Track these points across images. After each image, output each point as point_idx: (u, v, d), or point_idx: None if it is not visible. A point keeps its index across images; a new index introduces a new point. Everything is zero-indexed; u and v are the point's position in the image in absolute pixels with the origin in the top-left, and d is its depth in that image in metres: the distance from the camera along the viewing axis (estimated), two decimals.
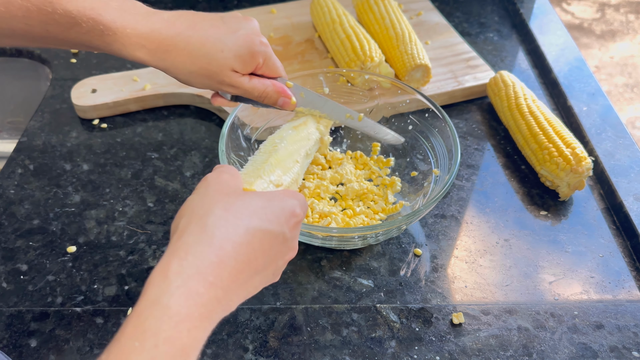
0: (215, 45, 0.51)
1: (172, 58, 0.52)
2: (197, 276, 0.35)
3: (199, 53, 0.51)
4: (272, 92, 0.56)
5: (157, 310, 0.33)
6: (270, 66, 0.55)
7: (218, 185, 0.41)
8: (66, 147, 0.73)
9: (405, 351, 0.53)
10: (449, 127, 0.62)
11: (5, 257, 0.60)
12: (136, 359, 0.31)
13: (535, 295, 0.58)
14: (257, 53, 0.53)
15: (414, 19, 0.92)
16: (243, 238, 0.38)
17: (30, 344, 0.53)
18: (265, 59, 0.54)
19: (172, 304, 0.33)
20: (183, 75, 0.53)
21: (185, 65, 0.52)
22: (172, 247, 0.36)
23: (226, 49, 0.52)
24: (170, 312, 0.33)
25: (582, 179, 0.65)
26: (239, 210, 0.39)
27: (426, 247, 0.62)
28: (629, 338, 0.55)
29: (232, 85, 0.54)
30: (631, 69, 2.22)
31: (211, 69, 0.52)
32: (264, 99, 0.56)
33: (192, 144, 0.74)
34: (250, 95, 0.55)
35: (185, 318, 0.33)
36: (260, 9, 0.94)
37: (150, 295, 0.34)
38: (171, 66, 0.52)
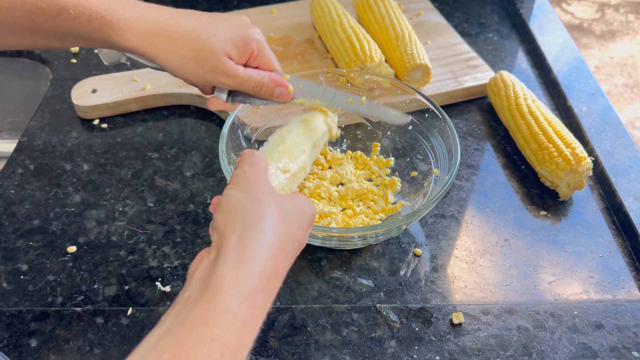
0: (208, 29, 0.50)
1: (164, 42, 0.49)
2: (260, 287, 0.36)
3: (191, 36, 0.49)
4: (269, 82, 0.53)
5: (228, 319, 0.33)
6: (264, 57, 0.53)
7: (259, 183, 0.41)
8: (66, 147, 0.73)
9: (405, 351, 0.53)
10: (448, 127, 0.62)
11: (5, 257, 0.60)
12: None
13: (535, 295, 0.58)
14: (251, 39, 0.51)
15: (413, 19, 0.92)
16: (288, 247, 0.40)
17: (31, 344, 0.53)
18: (260, 48, 0.53)
19: (240, 315, 0.34)
20: (175, 62, 0.51)
21: (177, 50, 0.50)
22: (236, 252, 0.36)
23: (219, 33, 0.50)
24: (237, 323, 0.33)
25: (581, 179, 0.65)
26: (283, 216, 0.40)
27: (426, 247, 0.63)
28: (628, 338, 0.55)
29: (226, 73, 0.51)
30: (631, 69, 2.22)
31: (204, 53, 0.50)
32: (260, 89, 0.53)
33: (192, 144, 0.74)
34: (246, 85, 0.53)
35: (248, 329, 0.34)
36: (260, 9, 0.94)
37: (220, 302, 0.34)
38: (163, 51, 0.50)
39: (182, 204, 0.66)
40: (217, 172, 0.70)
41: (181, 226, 0.64)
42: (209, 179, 0.69)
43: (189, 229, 0.63)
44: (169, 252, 0.61)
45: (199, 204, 0.66)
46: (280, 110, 0.69)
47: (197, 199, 0.67)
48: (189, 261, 0.60)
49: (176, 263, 0.60)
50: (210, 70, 0.51)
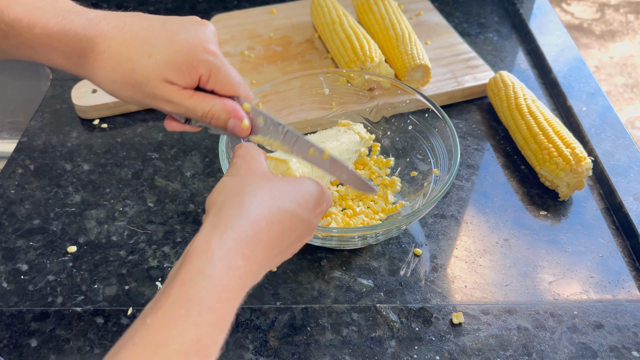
0: (141, 49, 0.42)
1: (91, 64, 0.43)
2: (236, 249, 0.36)
3: (120, 58, 0.42)
4: (220, 112, 0.44)
5: (202, 280, 0.34)
6: (221, 80, 0.44)
7: (249, 167, 0.42)
8: (66, 147, 0.73)
9: (405, 351, 0.53)
10: (448, 127, 0.62)
11: (5, 257, 0.60)
12: (182, 325, 0.32)
13: (535, 295, 0.58)
14: (197, 61, 0.43)
15: (413, 19, 0.92)
16: (275, 217, 0.39)
17: (31, 344, 0.53)
18: (213, 70, 0.43)
19: (215, 274, 0.35)
20: (106, 85, 0.44)
21: (106, 73, 0.43)
22: (212, 221, 0.38)
23: (155, 53, 0.42)
24: (213, 282, 0.34)
25: (581, 179, 0.65)
26: (272, 192, 0.40)
27: (426, 247, 0.63)
28: (628, 338, 0.55)
29: (166, 100, 0.43)
30: (631, 69, 2.22)
31: (136, 78, 0.42)
32: (210, 119, 0.45)
33: (192, 144, 0.74)
34: (193, 114, 0.45)
35: (226, 289, 0.35)
36: (260, 9, 0.94)
37: (194, 265, 0.35)
38: (91, 73, 0.44)
39: (182, 204, 0.66)
40: (217, 172, 0.70)
41: (181, 226, 0.64)
42: (209, 179, 0.69)
43: (189, 229, 0.63)
44: (169, 252, 0.61)
45: (199, 204, 0.66)
46: (281, 110, 0.69)
47: (197, 199, 0.67)
48: None
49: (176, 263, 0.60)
50: (146, 96, 0.44)
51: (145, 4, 0.99)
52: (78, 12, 0.43)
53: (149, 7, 0.98)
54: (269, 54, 0.85)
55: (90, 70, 0.44)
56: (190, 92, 0.44)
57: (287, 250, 0.43)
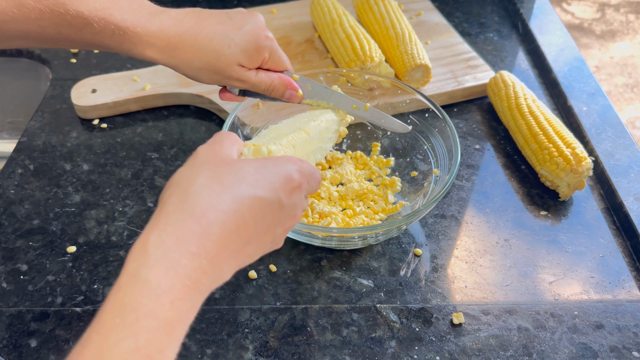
0: (222, 42, 0.52)
1: (181, 55, 0.53)
2: (178, 247, 0.34)
3: (206, 50, 0.52)
4: (279, 85, 0.56)
5: (137, 285, 0.32)
6: (276, 60, 0.56)
7: (207, 155, 0.40)
8: (66, 147, 0.73)
9: (405, 351, 0.53)
10: (449, 127, 0.62)
11: (5, 257, 0.60)
12: (118, 335, 0.30)
13: (535, 295, 0.58)
14: (262, 47, 0.54)
15: (414, 19, 0.92)
16: (230, 206, 0.36)
17: (31, 344, 0.53)
18: (271, 53, 0.55)
19: (152, 277, 0.32)
20: (192, 71, 0.54)
21: (193, 62, 0.53)
22: (153, 220, 0.35)
23: (233, 45, 0.52)
24: (150, 286, 0.32)
25: (582, 179, 0.65)
26: (226, 178, 0.37)
27: (426, 247, 0.62)
28: (629, 338, 0.55)
29: (239, 79, 0.55)
30: (631, 69, 2.22)
31: (219, 65, 0.53)
32: (271, 92, 0.57)
33: (192, 144, 0.74)
34: (258, 88, 0.56)
35: (166, 290, 0.32)
36: (260, 9, 0.94)
37: (129, 269, 0.33)
38: (180, 63, 0.53)
39: None
40: None
41: None
42: None
43: None
44: None
45: None
46: (281, 110, 0.69)
47: None
48: None
49: None
50: (224, 77, 0.55)
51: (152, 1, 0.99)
52: (163, 11, 0.53)
53: None
54: None
55: (180, 61, 0.53)
56: (255, 72, 0.55)
57: (262, 238, 0.39)
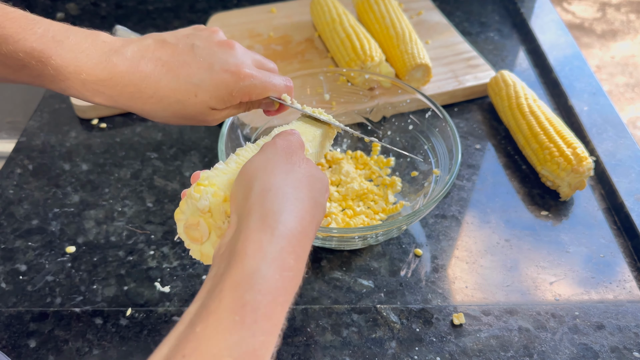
0: (188, 91, 0.45)
1: (140, 106, 0.46)
2: (288, 247, 0.34)
3: (169, 101, 0.46)
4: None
5: (257, 283, 0.32)
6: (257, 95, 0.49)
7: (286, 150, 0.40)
8: (65, 147, 0.73)
9: (405, 352, 0.53)
10: (449, 127, 0.61)
11: (4, 258, 0.60)
12: (238, 334, 0.30)
13: (536, 296, 0.58)
14: (236, 91, 0.47)
15: (414, 18, 0.92)
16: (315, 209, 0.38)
17: (30, 345, 0.53)
18: (250, 93, 0.48)
19: (270, 276, 0.32)
20: (157, 119, 0.48)
21: (156, 112, 0.46)
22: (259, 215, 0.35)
23: (200, 92, 0.46)
24: (268, 285, 0.32)
25: (583, 179, 0.64)
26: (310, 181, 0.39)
27: (427, 247, 0.62)
28: (630, 338, 0.54)
29: (214, 119, 0.49)
30: (632, 68, 2.22)
31: (187, 114, 0.47)
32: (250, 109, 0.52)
33: (192, 144, 0.74)
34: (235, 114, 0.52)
35: (280, 292, 0.32)
36: (260, 9, 0.94)
37: (247, 266, 0.32)
38: (140, 111, 0.47)
39: None
40: None
41: None
42: None
43: None
44: (168, 253, 0.61)
45: None
46: (282, 111, 0.68)
47: None
48: (188, 261, 0.60)
49: (175, 263, 0.60)
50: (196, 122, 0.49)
51: (145, 3, 0.99)
52: (116, 51, 0.44)
53: (148, 7, 0.98)
54: (268, 53, 0.85)
55: (139, 109, 0.46)
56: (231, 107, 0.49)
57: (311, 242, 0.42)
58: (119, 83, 0.44)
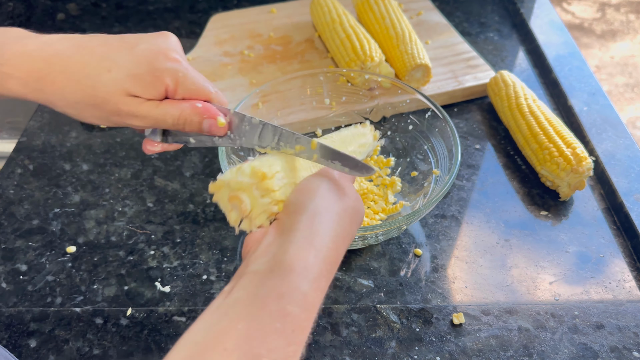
0: (100, 64, 0.40)
1: (49, 86, 0.40)
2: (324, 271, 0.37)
3: (79, 76, 0.40)
4: (192, 115, 0.42)
5: (299, 298, 0.34)
6: (189, 87, 0.42)
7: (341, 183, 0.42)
8: (66, 147, 0.73)
9: (405, 351, 0.53)
10: (449, 127, 0.62)
11: (4, 257, 0.60)
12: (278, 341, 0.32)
13: (535, 296, 0.58)
14: (160, 71, 0.41)
15: (414, 19, 0.92)
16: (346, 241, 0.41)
17: (30, 344, 0.53)
18: (179, 78, 0.41)
19: (310, 294, 0.35)
20: (69, 107, 0.42)
21: (65, 94, 0.41)
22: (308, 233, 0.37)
23: (115, 68, 0.40)
24: (307, 302, 0.35)
25: (582, 179, 0.65)
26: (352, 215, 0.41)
27: (426, 247, 0.62)
28: (629, 338, 0.54)
29: (132, 114, 0.41)
30: (631, 68, 2.22)
31: (98, 95, 0.40)
32: (183, 125, 0.43)
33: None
34: (164, 123, 0.43)
35: (314, 309, 0.35)
36: (260, 9, 0.94)
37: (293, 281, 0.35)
38: (51, 96, 0.41)
39: (181, 204, 0.66)
40: (216, 172, 0.70)
41: (181, 226, 0.63)
42: (208, 179, 0.69)
43: (189, 229, 0.63)
44: (168, 253, 0.61)
45: (199, 204, 0.66)
46: (282, 108, 0.69)
47: (197, 199, 0.67)
48: (188, 261, 0.60)
49: (175, 263, 0.60)
50: (112, 113, 0.42)
51: (145, 4, 0.99)
52: (30, 36, 0.42)
53: (148, 7, 0.98)
54: (268, 54, 0.85)
55: (50, 94, 0.41)
56: (156, 103, 0.42)
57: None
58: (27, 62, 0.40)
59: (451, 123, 0.62)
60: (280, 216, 0.40)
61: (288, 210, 0.40)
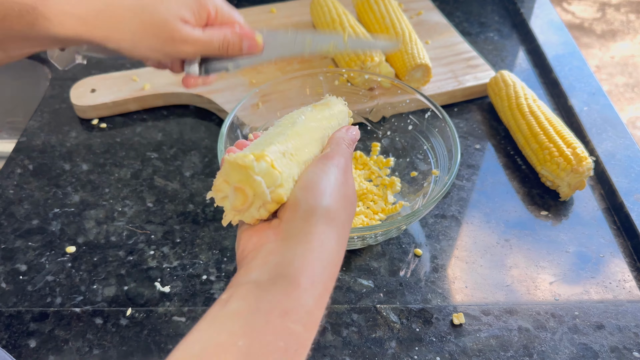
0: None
1: (108, 22, 0.44)
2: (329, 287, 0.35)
3: (136, 8, 0.45)
4: (233, 37, 0.49)
5: (304, 316, 0.33)
6: (224, 15, 0.49)
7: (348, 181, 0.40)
8: (65, 147, 0.73)
9: (405, 352, 0.53)
10: (449, 127, 0.61)
11: (4, 257, 0.60)
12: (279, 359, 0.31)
13: (535, 296, 0.58)
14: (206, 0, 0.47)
15: (414, 19, 0.92)
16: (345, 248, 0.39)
17: (30, 344, 0.53)
18: (217, 7, 0.48)
19: (313, 313, 0.33)
20: (127, 40, 0.46)
21: (125, 26, 0.45)
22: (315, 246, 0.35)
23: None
24: (312, 320, 0.33)
25: (582, 179, 0.65)
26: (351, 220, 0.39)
27: (426, 247, 0.62)
28: (629, 338, 0.54)
29: (185, 40, 0.47)
30: (632, 68, 2.22)
31: (155, 23, 0.45)
32: (226, 48, 0.49)
33: (192, 144, 0.74)
34: (210, 47, 0.49)
35: (316, 327, 0.34)
36: (260, 9, 0.94)
37: (299, 299, 0.33)
38: (110, 32, 0.45)
39: (181, 204, 0.66)
40: (216, 172, 0.70)
41: (180, 226, 0.63)
42: (208, 179, 0.69)
43: (189, 229, 0.63)
44: (168, 253, 0.61)
45: (199, 204, 0.66)
46: (282, 108, 0.69)
47: (197, 199, 0.67)
48: (188, 261, 0.60)
49: (175, 263, 0.60)
50: (167, 41, 0.46)
51: None
52: None
53: None
54: None
55: (109, 29, 0.45)
56: (202, 29, 0.48)
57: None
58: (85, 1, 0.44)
59: (451, 123, 0.62)
60: (284, 217, 0.37)
61: (294, 212, 0.36)
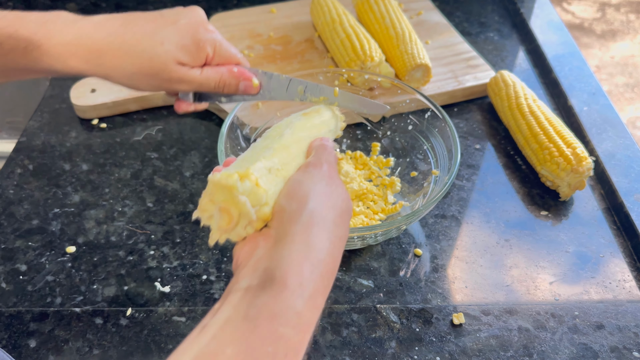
0: (153, 39, 0.47)
1: (109, 62, 0.47)
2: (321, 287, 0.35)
3: (136, 50, 0.47)
4: (230, 78, 0.50)
5: (293, 318, 0.32)
6: (223, 54, 0.50)
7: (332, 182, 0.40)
8: (65, 147, 0.73)
9: (405, 352, 0.53)
10: (449, 127, 0.61)
11: (4, 257, 0.60)
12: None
13: (535, 296, 0.58)
14: (203, 41, 0.48)
15: (414, 19, 0.92)
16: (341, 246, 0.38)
17: (30, 344, 0.53)
18: (216, 46, 0.49)
19: (304, 315, 0.33)
20: (125, 78, 0.48)
21: (125, 67, 0.47)
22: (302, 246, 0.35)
23: (167, 41, 0.47)
24: (301, 321, 0.33)
25: (582, 179, 0.65)
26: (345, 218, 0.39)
27: (426, 247, 0.62)
28: (629, 338, 0.54)
29: (182, 80, 0.49)
30: (632, 68, 2.22)
31: (154, 66, 0.47)
32: (222, 88, 0.50)
33: (192, 144, 0.74)
34: (207, 87, 0.50)
35: (309, 329, 0.33)
36: (260, 9, 0.94)
37: (286, 301, 0.32)
38: (110, 71, 0.48)
39: (181, 204, 0.66)
40: None
41: (180, 226, 0.63)
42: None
43: (189, 229, 0.63)
44: (168, 253, 0.61)
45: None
46: (282, 108, 0.69)
47: (197, 199, 0.67)
48: (188, 261, 0.60)
49: (175, 263, 0.60)
50: (165, 81, 0.49)
51: (145, 4, 0.99)
52: (82, 19, 0.48)
53: (148, 7, 0.98)
54: (268, 54, 0.85)
55: (109, 68, 0.47)
56: (199, 69, 0.49)
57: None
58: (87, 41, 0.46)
59: (451, 123, 0.62)
60: (272, 224, 0.37)
61: (280, 218, 0.37)
